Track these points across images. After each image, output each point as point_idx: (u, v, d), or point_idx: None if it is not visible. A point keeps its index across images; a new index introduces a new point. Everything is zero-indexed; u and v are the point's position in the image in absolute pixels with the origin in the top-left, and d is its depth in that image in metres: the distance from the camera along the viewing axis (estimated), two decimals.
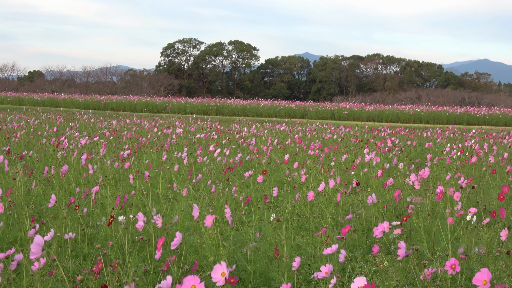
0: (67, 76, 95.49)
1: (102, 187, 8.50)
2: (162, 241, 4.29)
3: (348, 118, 40.76)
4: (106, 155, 11.92)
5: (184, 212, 7.18)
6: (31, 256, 3.49)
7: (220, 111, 43.88)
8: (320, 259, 5.59)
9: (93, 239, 6.09)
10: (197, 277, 3.10)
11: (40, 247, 3.50)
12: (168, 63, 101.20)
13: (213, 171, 10.73)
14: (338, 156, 13.03)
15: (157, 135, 17.52)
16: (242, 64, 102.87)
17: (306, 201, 7.97)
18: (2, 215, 6.68)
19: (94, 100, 49.50)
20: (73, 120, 24.48)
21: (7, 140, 14.69)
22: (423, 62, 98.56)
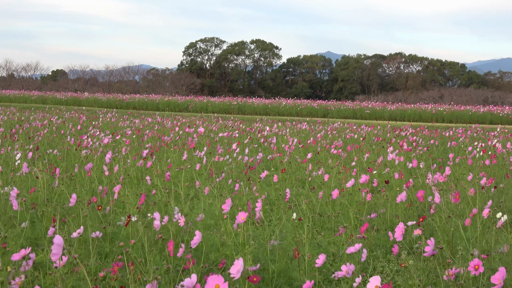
0: (90, 75, 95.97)
1: (124, 186, 8.54)
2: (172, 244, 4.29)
3: (370, 117, 40.59)
4: (129, 154, 11.97)
5: (205, 211, 7.19)
6: (52, 257, 3.51)
7: (242, 110, 43.87)
8: (341, 258, 5.58)
9: (115, 238, 6.12)
10: (221, 277, 3.10)
11: (61, 247, 3.51)
12: (190, 62, 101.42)
13: (234, 170, 10.74)
14: (360, 155, 12.99)
15: (179, 134, 17.56)
16: (264, 63, 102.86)
17: (328, 200, 7.95)
18: (25, 213, 6.73)
19: (117, 99, 49.68)
20: (96, 119, 24.60)
21: (31, 139, 14.79)
22: (445, 61, 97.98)
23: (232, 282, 3.94)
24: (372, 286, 3.43)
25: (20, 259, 3.94)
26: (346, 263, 4.07)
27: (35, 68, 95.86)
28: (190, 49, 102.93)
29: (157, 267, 4.42)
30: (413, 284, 4.45)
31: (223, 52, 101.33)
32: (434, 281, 5.07)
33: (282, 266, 5.17)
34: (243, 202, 7.80)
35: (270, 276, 5.06)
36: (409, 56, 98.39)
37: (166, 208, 7.47)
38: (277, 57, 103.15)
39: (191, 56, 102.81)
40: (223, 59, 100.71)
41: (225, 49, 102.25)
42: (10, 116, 23.90)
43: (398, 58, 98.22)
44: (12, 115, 24.48)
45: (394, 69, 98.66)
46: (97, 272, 5.00)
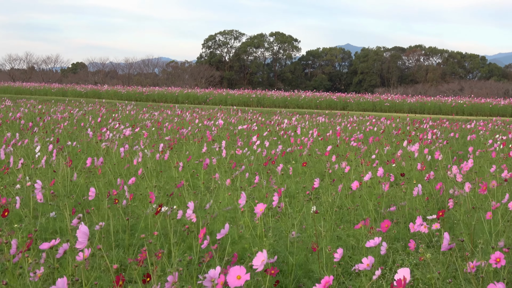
0: (110, 68, 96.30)
1: (143, 179, 8.57)
2: (203, 232, 4.31)
3: (389, 110, 40.44)
4: (148, 147, 12.00)
5: (224, 203, 7.21)
6: (77, 245, 3.54)
7: (261, 103, 43.87)
8: (360, 251, 5.57)
9: (134, 230, 6.15)
10: (243, 267, 3.12)
11: (86, 236, 3.54)
12: (210, 55, 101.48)
13: (254, 163, 10.74)
14: (379, 148, 12.94)
15: (198, 127, 17.59)
16: (283, 56, 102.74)
17: (347, 193, 7.94)
18: (45, 205, 6.77)
19: (136, 92, 49.83)
20: (116, 111, 24.69)
21: (51, 131, 14.87)
22: (466, 53, 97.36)
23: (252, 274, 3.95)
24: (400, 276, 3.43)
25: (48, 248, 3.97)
26: (365, 256, 4.06)
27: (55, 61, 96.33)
28: (210, 41, 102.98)
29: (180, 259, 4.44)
30: (432, 277, 4.43)
31: (242, 45, 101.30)
32: (454, 274, 5.05)
33: (301, 259, 5.17)
34: (262, 195, 7.80)
35: (289, 268, 5.06)
36: (429, 48, 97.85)
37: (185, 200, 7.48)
38: (296, 50, 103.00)
39: (210, 49, 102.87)
40: (242, 51, 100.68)
41: (244, 41, 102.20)
42: (31, 109, 24.04)
43: (418, 51, 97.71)
44: (32, 108, 24.63)
45: (414, 61, 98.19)
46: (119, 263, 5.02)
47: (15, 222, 6.05)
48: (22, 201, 6.47)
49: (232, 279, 3.15)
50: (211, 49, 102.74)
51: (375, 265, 4.07)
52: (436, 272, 4.54)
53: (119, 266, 5.03)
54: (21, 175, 7.70)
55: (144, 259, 4.11)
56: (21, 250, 3.98)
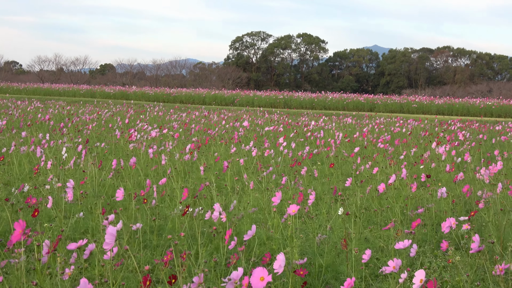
0: (138, 69, 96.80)
1: (171, 179, 8.61)
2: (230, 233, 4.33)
3: (417, 111, 40.23)
4: (175, 148, 12.06)
5: (251, 204, 7.22)
6: (105, 246, 3.56)
7: (287, 104, 43.85)
8: (389, 253, 5.56)
9: (162, 231, 6.18)
10: (266, 270, 3.14)
11: (114, 237, 3.56)
12: (237, 56, 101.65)
13: (280, 164, 10.75)
14: (407, 149, 12.89)
15: (225, 128, 17.63)
16: (310, 57, 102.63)
17: (374, 195, 7.92)
18: (75, 205, 6.84)
19: (164, 93, 50.02)
20: (143, 112, 24.82)
21: (79, 132, 15.00)
22: (494, 54, 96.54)
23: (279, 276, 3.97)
24: (417, 280, 3.43)
25: (76, 248, 4.01)
26: (393, 258, 4.05)
27: (84, 62, 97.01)
28: (237, 43, 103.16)
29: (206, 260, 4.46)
30: (460, 280, 4.41)
31: (270, 46, 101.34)
32: (482, 277, 5.03)
33: (330, 260, 5.17)
34: (289, 196, 7.81)
35: (317, 270, 5.06)
36: (457, 49, 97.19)
37: (213, 201, 7.51)
38: (324, 51, 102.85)
39: (237, 50, 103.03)
40: (270, 53, 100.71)
41: (271, 43, 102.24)
42: (60, 110, 24.24)
43: (446, 52, 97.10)
44: (61, 109, 24.84)
45: (442, 62, 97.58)
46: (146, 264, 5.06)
47: (45, 222, 6.11)
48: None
49: (255, 281, 3.17)
50: (238, 51, 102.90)
51: (402, 267, 4.06)
52: (464, 275, 4.52)
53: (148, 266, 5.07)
54: (52, 175, 7.77)
55: (171, 260, 4.13)
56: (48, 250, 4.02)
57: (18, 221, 3.50)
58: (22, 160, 9.98)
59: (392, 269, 3.98)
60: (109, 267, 3.93)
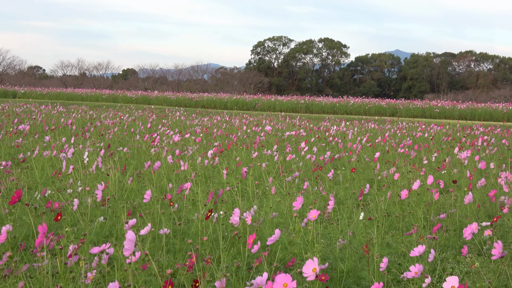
0: (160, 74, 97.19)
1: (194, 184, 8.64)
2: (253, 238, 4.33)
3: (439, 116, 40.05)
4: (197, 152, 12.09)
5: (273, 209, 7.22)
6: (125, 252, 3.58)
7: (309, 109, 43.81)
8: (411, 258, 5.54)
9: (185, 235, 6.20)
10: (289, 276, 3.13)
11: (133, 243, 3.58)
12: (258, 61, 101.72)
13: (302, 169, 10.74)
14: (429, 154, 12.83)
15: (247, 133, 17.64)
16: (332, 62, 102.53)
17: (396, 200, 7.89)
18: (99, 209, 6.87)
19: (186, 98, 50.15)
20: (165, 117, 24.90)
21: (102, 137, 15.07)
22: None
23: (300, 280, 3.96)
24: (449, 286, 3.41)
25: (98, 252, 4.04)
26: (415, 264, 4.04)
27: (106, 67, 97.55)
28: (258, 47, 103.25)
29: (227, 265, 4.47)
30: (482, 286, 4.39)
31: (291, 51, 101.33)
32: (505, 283, 4.99)
33: (351, 265, 5.16)
34: (311, 201, 7.80)
35: (338, 275, 5.06)
36: (479, 54, 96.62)
37: (234, 206, 7.52)
38: (345, 56, 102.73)
39: (259, 55, 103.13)
40: (291, 57, 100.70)
41: (293, 47, 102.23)
42: (82, 114, 24.39)
43: (468, 56, 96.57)
44: (84, 113, 24.98)
45: (464, 67, 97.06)
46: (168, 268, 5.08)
47: (68, 226, 6.15)
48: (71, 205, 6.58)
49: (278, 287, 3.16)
50: (260, 55, 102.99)
51: (424, 273, 4.05)
52: (487, 281, 4.50)
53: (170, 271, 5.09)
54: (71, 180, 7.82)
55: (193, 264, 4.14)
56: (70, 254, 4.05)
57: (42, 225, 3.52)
58: (45, 164, 10.05)
59: (413, 275, 3.97)
60: (131, 271, 3.94)
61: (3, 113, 22.28)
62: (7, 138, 13.31)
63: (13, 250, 5.12)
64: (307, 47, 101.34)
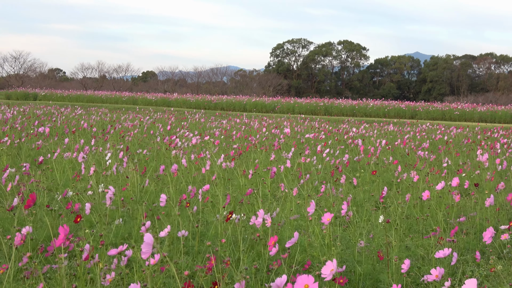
0: (179, 76, 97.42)
1: (213, 186, 8.64)
2: (274, 240, 4.32)
3: (459, 118, 39.86)
4: (216, 154, 12.09)
5: (293, 212, 7.21)
6: (143, 255, 3.59)
7: (328, 111, 43.75)
8: (430, 261, 5.51)
9: (203, 237, 6.20)
10: (311, 277, 3.10)
11: (151, 246, 3.58)
12: (277, 63, 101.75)
13: (321, 171, 10.72)
14: (449, 157, 12.77)
15: (266, 135, 17.64)
16: (351, 64, 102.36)
17: (415, 203, 7.86)
18: (117, 211, 6.90)
19: (205, 100, 50.25)
20: (185, 119, 24.96)
21: (122, 139, 15.13)
22: None
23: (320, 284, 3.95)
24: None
25: (116, 254, 4.05)
26: (434, 267, 4.02)
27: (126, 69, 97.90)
28: (277, 50, 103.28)
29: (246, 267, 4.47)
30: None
31: (310, 53, 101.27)
32: None
33: (369, 268, 5.14)
34: (330, 204, 7.78)
35: (357, 278, 5.04)
36: (500, 56, 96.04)
37: (253, 208, 7.53)
38: (365, 58, 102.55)
39: (278, 57, 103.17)
40: (310, 60, 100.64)
41: (312, 50, 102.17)
42: (102, 117, 24.49)
43: (488, 59, 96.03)
44: (104, 116, 25.09)
45: (485, 69, 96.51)
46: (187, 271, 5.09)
47: (87, 228, 6.18)
48: (93, 207, 6.61)
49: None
50: (279, 58, 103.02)
51: (444, 276, 4.03)
52: (507, 284, 4.47)
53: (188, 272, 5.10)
54: (92, 182, 7.86)
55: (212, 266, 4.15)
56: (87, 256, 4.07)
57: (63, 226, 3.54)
58: (65, 166, 10.10)
59: (434, 278, 3.94)
60: (149, 273, 3.95)
61: (24, 115, 22.42)
62: (28, 140, 13.39)
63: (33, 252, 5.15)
64: (326, 50, 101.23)
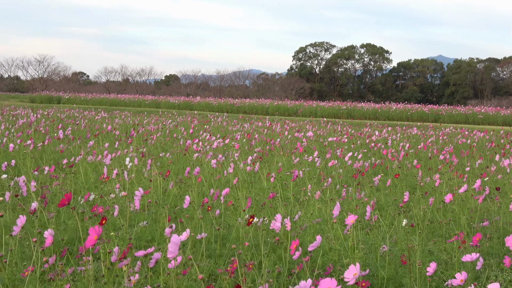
0: (202, 80, 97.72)
1: (235, 189, 8.66)
2: (296, 243, 4.33)
3: (483, 122, 39.63)
4: (239, 158, 12.12)
5: (314, 215, 7.21)
6: (169, 255, 3.62)
7: (351, 115, 43.69)
8: (453, 266, 5.49)
9: (225, 240, 6.22)
10: (334, 280, 3.11)
11: (177, 246, 3.61)
12: (300, 67, 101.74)
13: (343, 175, 10.71)
14: (472, 161, 12.71)
15: (288, 139, 17.64)
16: (374, 67, 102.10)
17: (438, 207, 7.83)
18: (141, 214, 6.94)
19: (228, 103, 50.36)
20: (207, 123, 25.02)
21: (144, 142, 15.20)
22: None
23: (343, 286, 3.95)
24: None
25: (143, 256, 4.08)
26: (458, 271, 4.01)
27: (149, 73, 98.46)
28: (300, 53, 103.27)
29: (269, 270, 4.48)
30: None
31: (333, 57, 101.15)
32: None
33: (392, 273, 5.13)
34: (352, 207, 7.77)
35: (379, 282, 5.03)
36: None
37: (276, 211, 7.53)
38: (387, 61, 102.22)
39: (300, 61, 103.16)
40: (333, 63, 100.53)
41: (334, 53, 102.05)
42: (125, 120, 24.62)
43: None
44: (127, 119, 25.22)
45: (509, 72, 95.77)
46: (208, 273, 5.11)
47: (111, 231, 6.22)
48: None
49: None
50: (302, 61, 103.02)
51: (468, 280, 4.01)
52: None
53: (209, 276, 5.12)
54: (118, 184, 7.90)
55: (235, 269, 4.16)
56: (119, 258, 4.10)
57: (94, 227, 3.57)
58: (88, 169, 10.17)
59: (459, 282, 3.93)
60: (173, 275, 3.98)
61: (48, 118, 22.59)
62: (52, 143, 13.49)
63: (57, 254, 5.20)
64: (348, 53, 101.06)
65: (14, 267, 4.82)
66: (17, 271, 4.69)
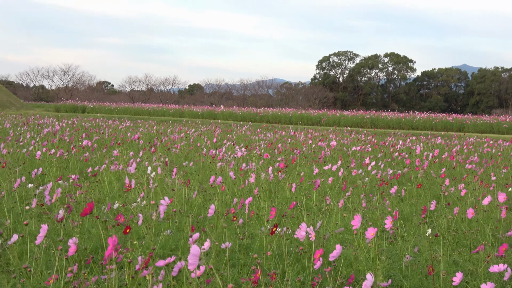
0: (225, 89, 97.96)
1: (259, 198, 8.66)
2: (320, 253, 4.32)
3: (508, 131, 39.31)
4: (261, 167, 12.12)
5: (339, 225, 7.19)
6: (189, 266, 3.62)
7: (374, 124, 43.54)
8: (479, 276, 5.45)
9: (249, 249, 6.22)
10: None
11: (197, 258, 3.61)
12: (323, 76, 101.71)
13: (367, 184, 10.67)
14: (497, 171, 12.61)
15: (311, 148, 17.61)
16: (398, 77, 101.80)
17: (463, 217, 7.77)
18: (164, 223, 6.95)
19: (251, 113, 50.39)
20: (231, 132, 25.06)
21: (168, 151, 15.25)
22: None
23: None
24: None
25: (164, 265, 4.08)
26: (484, 282, 3.97)
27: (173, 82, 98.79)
28: (323, 62, 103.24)
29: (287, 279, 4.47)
30: None
31: (356, 66, 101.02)
32: None
33: (416, 283, 5.10)
34: (376, 217, 7.74)
35: None
36: None
37: (299, 221, 7.51)
38: (411, 70, 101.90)
39: (324, 70, 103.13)
40: (356, 72, 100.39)
41: (358, 62, 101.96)
42: (149, 129, 24.72)
43: None
44: (151, 128, 25.32)
45: None
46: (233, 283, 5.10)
47: (135, 239, 6.24)
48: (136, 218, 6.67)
49: None
50: (325, 70, 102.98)
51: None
52: None
53: (233, 285, 5.11)
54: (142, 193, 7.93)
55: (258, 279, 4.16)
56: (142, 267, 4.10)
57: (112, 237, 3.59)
58: (112, 178, 10.21)
59: None
60: (195, 285, 3.98)
61: (73, 127, 22.75)
62: (76, 152, 13.58)
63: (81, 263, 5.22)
64: (372, 62, 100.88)
65: (39, 275, 4.85)
66: (41, 279, 4.72)
